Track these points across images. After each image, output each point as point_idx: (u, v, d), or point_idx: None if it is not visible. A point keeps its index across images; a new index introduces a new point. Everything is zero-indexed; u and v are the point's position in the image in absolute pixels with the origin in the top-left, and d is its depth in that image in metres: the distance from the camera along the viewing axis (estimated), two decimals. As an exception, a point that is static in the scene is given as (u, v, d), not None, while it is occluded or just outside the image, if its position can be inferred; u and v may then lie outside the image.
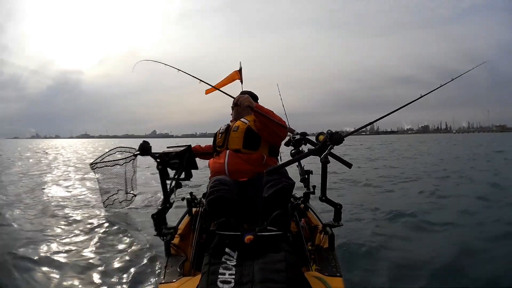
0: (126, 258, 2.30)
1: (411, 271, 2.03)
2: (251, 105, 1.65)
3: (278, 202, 1.43)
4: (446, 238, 2.63)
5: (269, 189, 1.47)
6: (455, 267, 2.06)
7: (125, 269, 2.13)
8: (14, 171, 8.09)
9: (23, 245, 2.55)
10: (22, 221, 3.32)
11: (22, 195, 4.72)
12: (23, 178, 6.77)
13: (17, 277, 2.02)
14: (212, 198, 1.47)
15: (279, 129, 1.73)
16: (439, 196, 4.29)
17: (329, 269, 1.21)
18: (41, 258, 2.32)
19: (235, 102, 1.73)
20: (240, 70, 2.67)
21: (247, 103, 1.65)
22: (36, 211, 3.74)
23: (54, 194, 4.85)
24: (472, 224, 2.99)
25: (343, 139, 1.29)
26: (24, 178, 6.68)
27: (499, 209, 3.53)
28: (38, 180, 6.45)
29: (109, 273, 2.07)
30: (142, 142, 1.68)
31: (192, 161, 1.61)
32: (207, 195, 1.56)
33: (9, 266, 2.15)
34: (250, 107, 1.65)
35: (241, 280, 1.04)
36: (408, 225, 3.00)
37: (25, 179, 6.52)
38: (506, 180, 5.54)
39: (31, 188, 5.36)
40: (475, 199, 4.04)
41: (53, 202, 4.24)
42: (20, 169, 8.66)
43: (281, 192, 1.46)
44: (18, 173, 7.59)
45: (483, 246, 2.39)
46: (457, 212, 3.37)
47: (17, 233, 2.92)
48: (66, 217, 3.50)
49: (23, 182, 6.15)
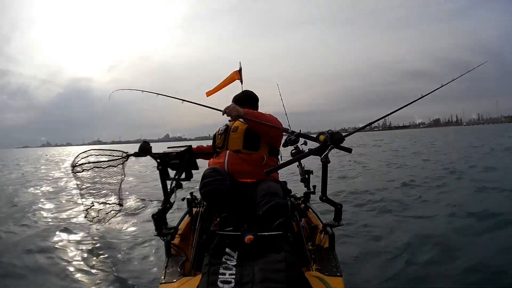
0: (126, 258, 2.30)
1: (412, 271, 2.03)
2: (239, 114, 1.66)
3: (274, 217, 1.41)
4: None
5: (263, 207, 1.47)
6: (457, 263, 2.05)
7: (126, 269, 2.13)
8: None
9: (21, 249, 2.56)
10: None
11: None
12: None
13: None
14: (207, 190, 1.52)
15: (273, 130, 1.72)
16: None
17: (329, 269, 1.21)
18: (40, 259, 2.33)
19: (224, 114, 1.72)
20: (240, 71, 2.67)
21: (235, 112, 1.66)
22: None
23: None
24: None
25: (344, 139, 1.29)
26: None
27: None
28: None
29: (110, 273, 2.07)
30: (142, 143, 1.67)
31: (192, 161, 1.61)
32: (200, 186, 1.58)
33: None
34: (239, 116, 1.67)
35: (242, 280, 1.04)
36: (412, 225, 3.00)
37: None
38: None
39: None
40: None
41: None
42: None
43: (274, 208, 1.45)
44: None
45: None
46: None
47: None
48: (66, 216, 3.51)
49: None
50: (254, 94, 2.10)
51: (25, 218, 3.63)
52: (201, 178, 1.60)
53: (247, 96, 2.08)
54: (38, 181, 7.70)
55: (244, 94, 2.11)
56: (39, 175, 9.33)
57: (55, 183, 7.21)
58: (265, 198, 1.49)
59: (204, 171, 1.64)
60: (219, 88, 2.73)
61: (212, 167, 1.66)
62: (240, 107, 1.95)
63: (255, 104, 2.07)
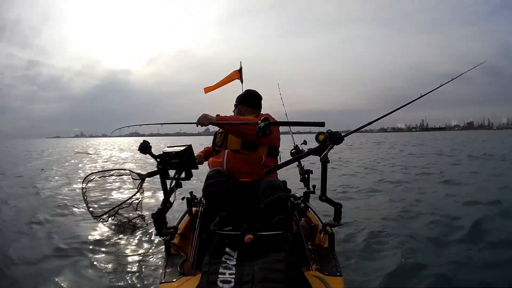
0: (126, 258, 2.30)
1: (413, 271, 2.03)
2: (212, 121, 1.67)
3: (275, 211, 1.44)
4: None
5: (265, 199, 1.49)
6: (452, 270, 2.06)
7: (126, 268, 2.13)
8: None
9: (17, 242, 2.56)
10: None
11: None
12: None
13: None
14: (210, 191, 1.53)
15: (247, 127, 1.69)
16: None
17: (329, 269, 1.21)
18: (37, 258, 2.33)
19: (197, 125, 1.72)
20: (240, 70, 2.67)
21: (206, 121, 1.67)
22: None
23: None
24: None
25: (343, 139, 1.29)
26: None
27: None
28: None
29: (110, 273, 2.07)
30: (142, 142, 1.68)
31: (192, 160, 1.61)
32: (204, 186, 1.59)
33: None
34: (212, 123, 1.68)
35: (241, 280, 1.04)
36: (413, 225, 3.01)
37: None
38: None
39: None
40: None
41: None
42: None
43: (277, 202, 1.47)
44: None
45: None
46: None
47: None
48: (64, 216, 3.50)
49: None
50: (257, 93, 2.10)
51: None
52: (205, 180, 1.62)
53: (250, 95, 2.08)
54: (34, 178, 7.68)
55: (247, 93, 2.11)
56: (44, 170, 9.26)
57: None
58: (267, 191, 1.51)
59: (208, 173, 1.66)
60: (218, 86, 2.75)
61: (215, 169, 1.69)
62: (243, 107, 1.99)
63: (258, 103, 2.06)
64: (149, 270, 2.09)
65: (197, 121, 1.72)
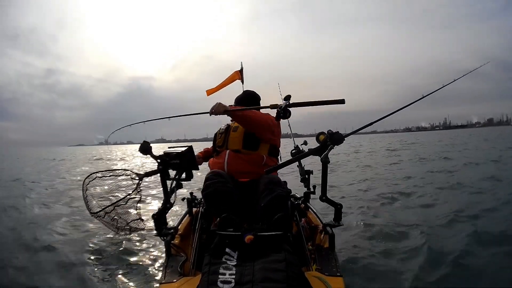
0: (126, 259, 2.30)
1: (413, 271, 2.02)
2: (226, 109, 1.67)
3: (275, 209, 1.44)
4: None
5: (265, 198, 1.49)
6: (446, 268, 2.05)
7: (126, 269, 2.13)
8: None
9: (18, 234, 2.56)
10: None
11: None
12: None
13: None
14: (209, 192, 1.54)
15: (259, 115, 1.70)
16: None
17: (329, 269, 1.21)
18: (36, 257, 2.33)
19: (211, 114, 1.70)
20: (241, 71, 2.67)
21: (222, 109, 1.66)
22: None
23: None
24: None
25: (344, 139, 1.30)
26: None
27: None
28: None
29: (110, 273, 2.07)
30: (143, 142, 1.69)
31: (192, 161, 1.61)
32: (203, 188, 1.60)
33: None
34: (227, 111, 1.68)
35: (242, 280, 1.04)
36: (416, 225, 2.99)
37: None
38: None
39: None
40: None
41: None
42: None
43: (276, 199, 1.47)
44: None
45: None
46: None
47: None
48: (63, 215, 3.50)
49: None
50: (256, 94, 2.10)
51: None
52: (204, 181, 1.62)
53: (249, 95, 2.08)
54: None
55: (246, 94, 2.11)
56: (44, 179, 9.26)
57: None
58: (266, 189, 1.51)
59: (207, 175, 1.66)
60: (219, 87, 2.74)
61: (214, 171, 1.69)
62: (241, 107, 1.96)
63: (257, 104, 2.07)
64: (149, 270, 2.09)
65: (210, 110, 1.68)
